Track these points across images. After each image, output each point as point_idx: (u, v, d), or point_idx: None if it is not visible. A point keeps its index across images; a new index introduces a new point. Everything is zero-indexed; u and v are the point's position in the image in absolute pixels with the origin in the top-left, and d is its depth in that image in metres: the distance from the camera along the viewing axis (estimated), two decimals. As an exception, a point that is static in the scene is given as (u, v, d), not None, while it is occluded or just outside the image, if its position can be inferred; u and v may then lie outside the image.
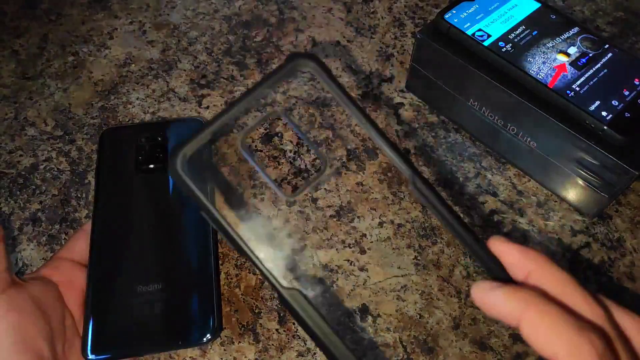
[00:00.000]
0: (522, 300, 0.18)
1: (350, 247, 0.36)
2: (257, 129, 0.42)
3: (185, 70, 0.46)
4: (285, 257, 0.36)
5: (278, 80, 0.22)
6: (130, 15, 0.50)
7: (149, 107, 0.43)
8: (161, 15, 0.50)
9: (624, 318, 0.19)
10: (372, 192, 0.39)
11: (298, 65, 0.22)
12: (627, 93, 0.34)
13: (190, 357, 0.33)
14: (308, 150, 0.41)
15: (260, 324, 0.33)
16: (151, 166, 0.36)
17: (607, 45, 0.37)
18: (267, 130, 0.42)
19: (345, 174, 0.40)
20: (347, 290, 0.34)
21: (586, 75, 0.35)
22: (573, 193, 0.37)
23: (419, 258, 0.36)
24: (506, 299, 0.18)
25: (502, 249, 0.20)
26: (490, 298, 0.18)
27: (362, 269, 0.35)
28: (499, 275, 0.20)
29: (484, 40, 0.37)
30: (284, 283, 0.21)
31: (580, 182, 0.36)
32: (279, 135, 0.42)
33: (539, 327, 0.17)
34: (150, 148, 0.36)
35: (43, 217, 0.38)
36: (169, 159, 0.21)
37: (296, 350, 0.32)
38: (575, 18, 0.48)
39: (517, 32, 0.37)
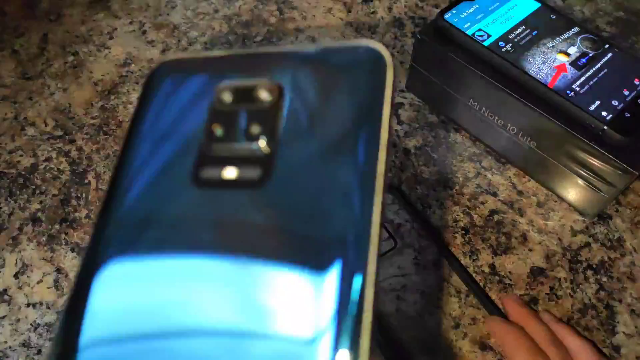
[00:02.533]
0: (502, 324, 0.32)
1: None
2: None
3: (185, 70, 0.46)
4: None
5: None
6: (130, 15, 0.50)
7: (149, 107, 0.43)
8: (161, 15, 0.50)
9: (573, 341, 0.31)
10: (372, 192, 0.39)
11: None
12: (627, 93, 0.34)
13: None
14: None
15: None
16: (243, 144, 0.16)
17: (607, 45, 0.37)
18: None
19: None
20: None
21: (586, 75, 0.35)
22: (573, 193, 0.37)
23: (418, 258, 0.36)
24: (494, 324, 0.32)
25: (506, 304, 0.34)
26: (490, 324, 0.33)
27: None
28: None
29: (484, 40, 0.37)
30: None
31: (580, 182, 0.36)
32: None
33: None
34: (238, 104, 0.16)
35: (43, 217, 0.38)
36: None
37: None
38: (575, 18, 0.48)
39: (517, 32, 0.37)
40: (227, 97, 0.16)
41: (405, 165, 0.40)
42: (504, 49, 0.36)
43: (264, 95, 0.16)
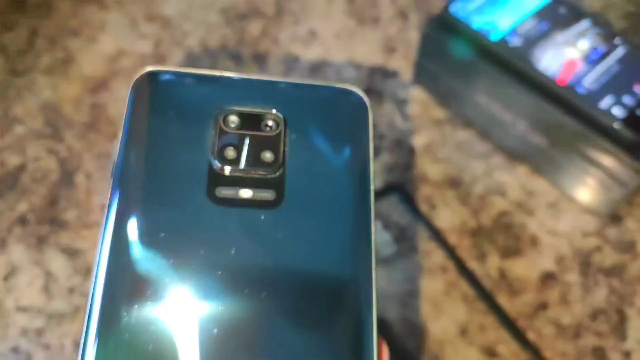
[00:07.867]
0: None
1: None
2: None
3: (179, 64, 0.44)
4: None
5: None
6: (122, 8, 0.48)
7: (142, 104, 0.42)
8: (154, 7, 0.48)
9: None
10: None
11: None
12: (639, 90, 0.34)
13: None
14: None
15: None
16: (249, 170, 0.18)
17: (619, 41, 0.36)
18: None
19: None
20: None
21: (598, 71, 0.34)
22: (584, 193, 0.36)
23: (424, 262, 0.35)
24: None
25: None
26: None
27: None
28: None
29: (491, 34, 0.36)
30: None
31: (592, 181, 0.35)
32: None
33: None
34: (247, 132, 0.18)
35: (32, 217, 0.37)
36: None
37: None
38: (586, 12, 0.47)
39: (526, 25, 0.36)
40: (234, 121, 0.18)
41: (410, 164, 0.39)
42: (513, 43, 0.35)
43: (272, 124, 0.18)
